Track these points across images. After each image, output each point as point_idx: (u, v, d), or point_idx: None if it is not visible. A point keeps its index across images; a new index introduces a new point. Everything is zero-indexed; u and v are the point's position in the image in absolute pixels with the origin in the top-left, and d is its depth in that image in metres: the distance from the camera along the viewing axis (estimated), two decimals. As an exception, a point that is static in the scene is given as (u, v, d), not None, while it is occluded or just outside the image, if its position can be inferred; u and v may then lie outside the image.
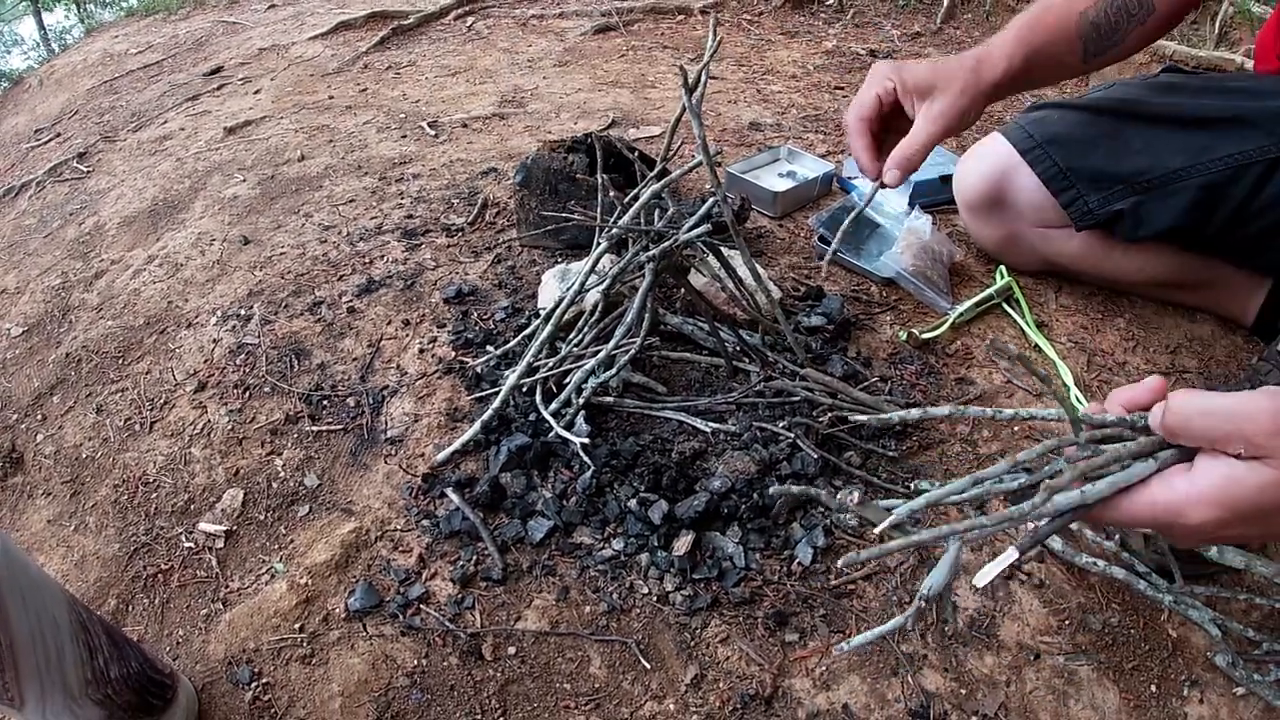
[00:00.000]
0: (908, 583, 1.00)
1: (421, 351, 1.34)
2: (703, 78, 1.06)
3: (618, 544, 1.02)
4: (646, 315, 1.14)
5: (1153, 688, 0.91)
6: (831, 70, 2.69)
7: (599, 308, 1.21)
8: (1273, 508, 0.56)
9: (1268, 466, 0.55)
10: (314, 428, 1.22)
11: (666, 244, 1.09)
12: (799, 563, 1.00)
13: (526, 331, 1.28)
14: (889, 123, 1.12)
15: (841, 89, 2.50)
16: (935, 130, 1.07)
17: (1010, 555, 0.58)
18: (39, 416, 1.37)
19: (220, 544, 1.09)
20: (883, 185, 1.09)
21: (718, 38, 1.06)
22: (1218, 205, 1.21)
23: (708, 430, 1.13)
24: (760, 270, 1.36)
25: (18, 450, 1.32)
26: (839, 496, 0.60)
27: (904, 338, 1.34)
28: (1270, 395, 0.56)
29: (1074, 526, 1.03)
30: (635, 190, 1.17)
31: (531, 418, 1.15)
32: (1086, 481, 0.59)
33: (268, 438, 1.22)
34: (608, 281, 1.16)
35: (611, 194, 1.15)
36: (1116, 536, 1.01)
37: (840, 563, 0.59)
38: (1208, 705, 0.90)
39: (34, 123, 3.11)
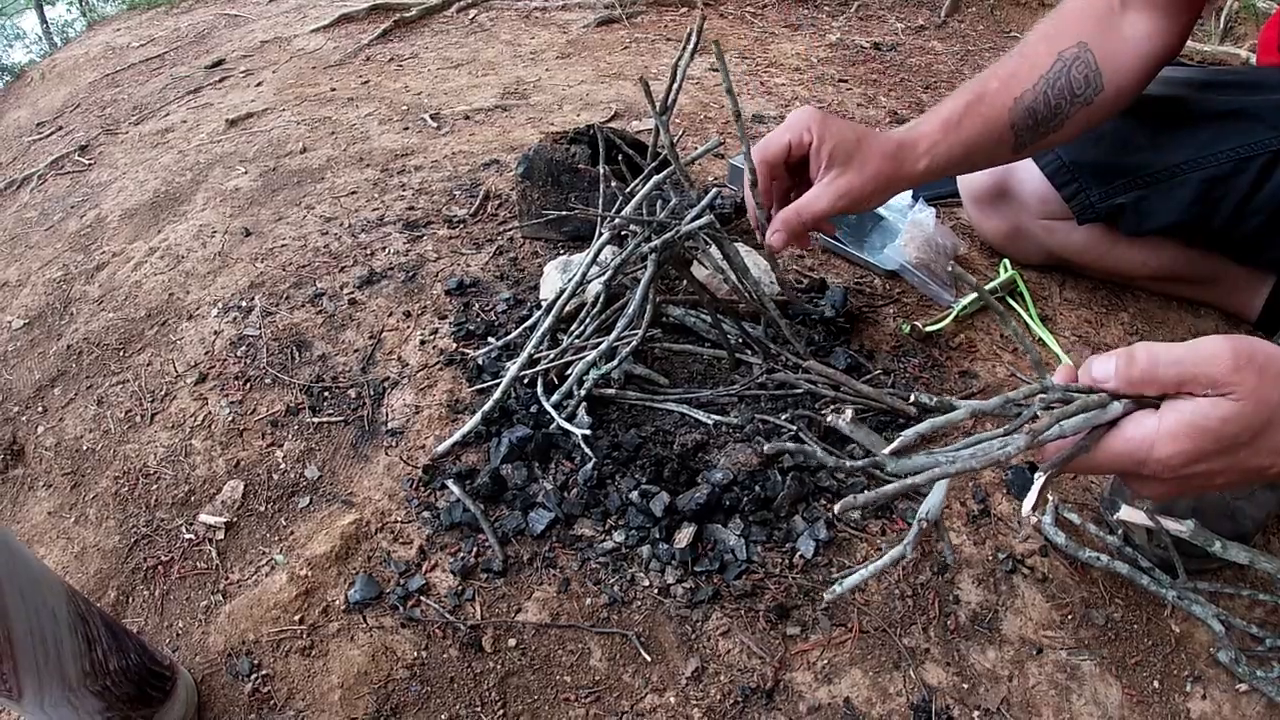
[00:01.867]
0: (910, 576, 0.99)
1: (423, 343, 1.33)
2: (677, 76, 1.06)
3: (619, 536, 1.02)
4: (649, 307, 1.14)
5: (1155, 683, 0.91)
6: (835, 63, 2.68)
7: (601, 299, 1.20)
8: (1236, 439, 0.61)
9: (1229, 400, 0.60)
10: (315, 419, 1.22)
11: (668, 235, 1.08)
12: (801, 556, 1.00)
13: (529, 323, 1.28)
14: (794, 171, 1.07)
15: (845, 82, 2.49)
16: (835, 206, 1.01)
17: (1040, 479, 0.65)
18: (40, 408, 1.37)
19: (220, 536, 1.09)
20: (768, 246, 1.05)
21: (698, 40, 1.04)
22: (1220, 199, 1.20)
23: (709, 422, 1.13)
24: (761, 260, 1.35)
25: (18, 442, 1.32)
26: (829, 418, 0.62)
27: (907, 330, 1.33)
28: (1225, 338, 0.62)
29: (1076, 520, 1.03)
30: (634, 183, 1.17)
31: (533, 409, 1.14)
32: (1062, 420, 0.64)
33: (268, 429, 1.22)
34: (609, 273, 1.16)
35: (613, 185, 1.15)
36: (1120, 531, 1.00)
37: (837, 508, 0.58)
38: (1210, 701, 0.90)
39: (35, 116, 3.10)
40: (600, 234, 1.16)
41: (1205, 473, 0.63)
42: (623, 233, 1.16)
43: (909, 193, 1.66)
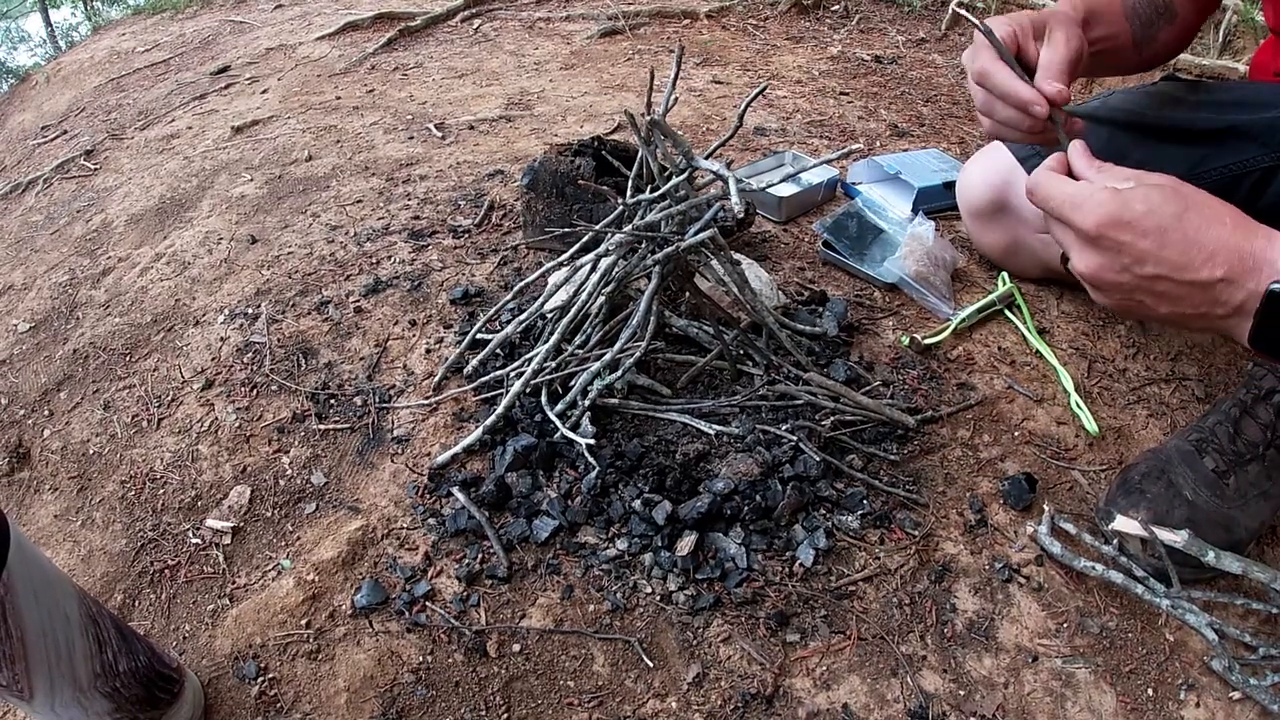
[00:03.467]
0: (908, 584, 1.01)
1: (428, 352, 1.35)
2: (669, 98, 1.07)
3: (622, 544, 1.03)
4: (652, 319, 1.15)
5: (1150, 691, 0.92)
6: (836, 76, 2.70)
7: (604, 310, 1.22)
8: (1159, 209, 0.68)
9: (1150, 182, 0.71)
10: (321, 426, 1.23)
11: (670, 249, 1.10)
12: (800, 564, 1.01)
13: (524, 323, 1.29)
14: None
15: (846, 94, 2.52)
16: (1073, 47, 0.97)
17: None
18: (46, 412, 1.38)
19: (227, 540, 1.10)
20: (1052, 108, 0.94)
21: (678, 70, 1.07)
22: None
23: (711, 432, 1.14)
24: (763, 273, 1.37)
25: (24, 445, 1.33)
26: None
27: (906, 343, 1.35)
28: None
29: (1072, 530, 1.04)
30: (632, 198, 1.18)
31: (537, 418, 1.16)
32: None
33: (275, 436, 1.23)
34: (613, 285, 1.17)
35: (618, 200, 1.16)
36: (1115, 541, 1.02)
37: None
38: (1204, 709, 0.91)
39: (40, 119, 3.12)
40: (606, 249, 1.18)
41: (1133, 248, 0.68)
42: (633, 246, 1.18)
43: (909, 206, 1.68)
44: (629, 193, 1.19)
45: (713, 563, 1.01)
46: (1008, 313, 1.43)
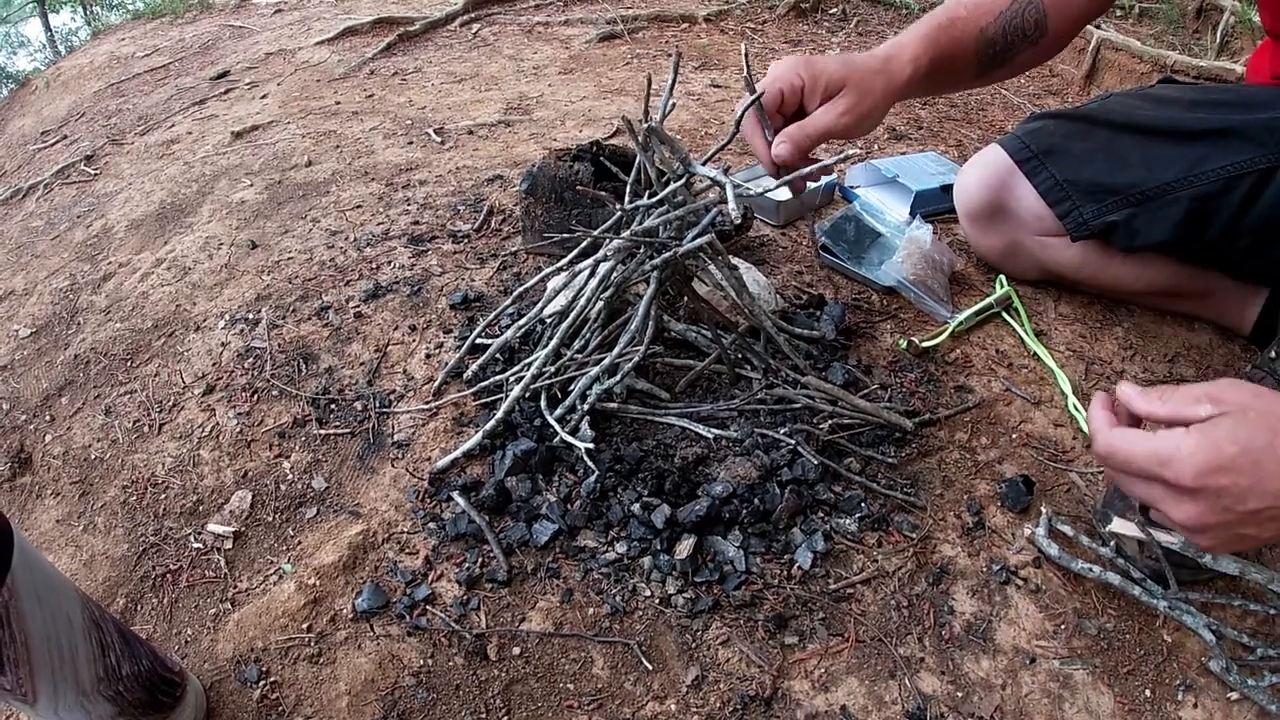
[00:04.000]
0: (906, 586, 1.01)
1: (428, 356, 1.35)
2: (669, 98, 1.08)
3: (621, 547, 1.03)
4: (650, 323, 1.16)
5: (1147, 692, 0.93)
6: (834, 79, 2.70)
7: (603, 315, 1.23)
8: (1250, 441, 0.64)
9: (1233, 412, 0.66)
10: (321, 431, 1.24)
11: (668, 254, 1.10)
12: (799, 567, 1.02)
13: (523, 327, 1.30)
14: (789, 120, 1.08)
15: (843, 98, 2.52)
16: (839, 123, 1.03)
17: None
18: (47, 417, 1.39)
19: (228, 545, 1.11)
20: (776, 169, 1.04)
21: (675, 76, 1.08)
22: (1210, 217, 1.23)
23: (710, 436, 1.15)
24: (761, 277, 1.38)
25: (26, 450, 1.34)
26: None
27: (904, 346, 1.35)
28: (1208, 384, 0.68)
29: (1069, 532, 1.05)
30: (631, 203, 1.19)
31: (536, 423, 1.16)
32: None
33: (275, 440, 1.23)
34: (612, 290, 1.18)
35: (616, 205, 1.17)
36: (1112, 543, 1.02)
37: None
38: (1202, 710, 0.91)
39: (40, 125, 3.13)
40: (605, 255, 1.18)
41: (1233, 489, 0.65)
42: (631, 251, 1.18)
43: (907, 209, 1.69)
44: (627, 198, 1.19)
45: (711, 566, 1.02)
46: (1005, 315, 1.44)
